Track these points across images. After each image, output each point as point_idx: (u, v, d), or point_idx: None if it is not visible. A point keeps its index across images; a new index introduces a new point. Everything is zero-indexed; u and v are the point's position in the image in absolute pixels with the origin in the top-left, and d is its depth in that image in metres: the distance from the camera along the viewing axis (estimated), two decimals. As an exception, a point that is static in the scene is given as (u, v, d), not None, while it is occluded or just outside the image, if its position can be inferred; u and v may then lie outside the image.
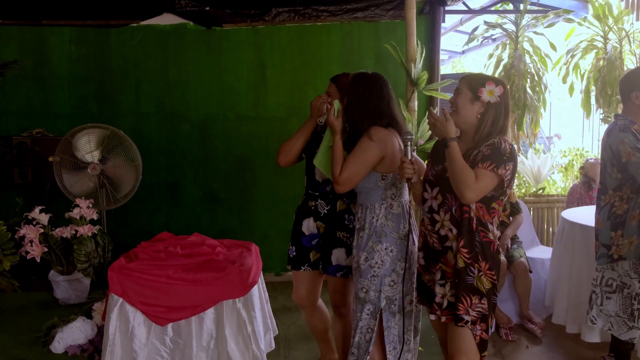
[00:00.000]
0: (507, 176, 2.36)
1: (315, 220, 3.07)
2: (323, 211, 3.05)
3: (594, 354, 3.70)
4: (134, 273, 2.93)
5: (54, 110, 5.19)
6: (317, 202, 3.06)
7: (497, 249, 2.45)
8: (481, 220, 2.41)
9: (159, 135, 5.28)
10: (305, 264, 3.11)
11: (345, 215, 3.00)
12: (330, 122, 2.77)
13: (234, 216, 5.38)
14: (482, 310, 2.41)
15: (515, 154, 2.40)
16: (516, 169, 2.43)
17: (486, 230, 2.42)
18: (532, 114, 5.64)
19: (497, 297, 2.50)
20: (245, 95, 5.26)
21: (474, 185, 2.29)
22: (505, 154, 2.35)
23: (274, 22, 5.15)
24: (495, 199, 2.42)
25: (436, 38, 5.17)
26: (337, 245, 3.00)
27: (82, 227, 4.42)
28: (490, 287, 2.43)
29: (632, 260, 3.12)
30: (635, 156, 3.03)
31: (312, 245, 3.09)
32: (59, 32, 5.14)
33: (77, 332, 3.50)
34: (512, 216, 4.37)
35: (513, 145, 2.41)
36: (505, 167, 2.34)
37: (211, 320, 2.95)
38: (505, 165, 2.34)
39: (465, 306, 2.39)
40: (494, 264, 2.43)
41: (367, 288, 2.70)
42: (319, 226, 3.06)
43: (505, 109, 2.45)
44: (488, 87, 2.39)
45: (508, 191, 2.44)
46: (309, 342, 3.81)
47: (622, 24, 5.91)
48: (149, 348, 2.90)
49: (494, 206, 2.43)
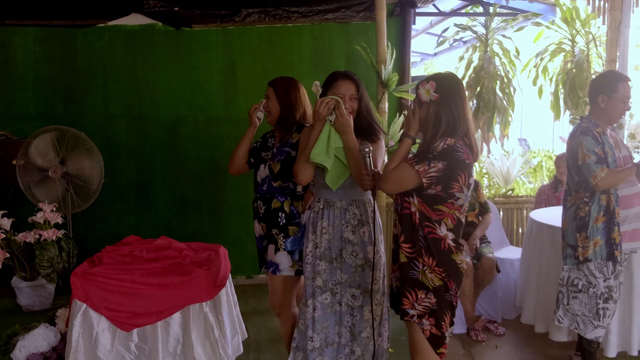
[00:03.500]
0: (429, 173, 2.30)
1: (259, 222, 3.13)
2: (261, 211, 3.11)
3: (562, 353, 3.74)
4: (97, 278, 2.87)
5: (18, 112, 5.08)
6: (257, 203, 3.14)
7: (449, 248, 2.39)
8: (425, 215, 2.38)
9: (128, 137, 5.20)
10: (262, 266, 3.18)
11: (279, 212, 3.04)
12: (346, 120, 2.68)
13: (204, 219, 5.32)
14: (429, 304, 2.41)
15: (451, 154, 2.31)
16: (453, 169, 2.31)
17: (433, 226, 2.38)
18: (502, 116, 5.69)
19: (455, 296, 2.44)
20: (216, 96, 5.21)
21: (387, 174, 2.41)
22: (433, 151, 2.32)
23: (244, 22, 5.12)
24: (442, 201, 2.35)
25: (407, 40, 5.18)
26: (270, 242, 3.07)
27: (46, 232, 4.33)
28: (441, 284, 2.40)
29: (597, 261, 3.17)
30: (590, 158, 3.10)
31: (263, 246, 3.14)
32: (23, 32, 5.03)
33: (40, 339, 3.40)
34: (480, 216, 4.41)
35: (455, 146, 2.32)
36: (430, 164, 2.30)
37: (177, 324, 2.90)
38: (430, 162, 2.30)
39: (411, 300, 2.42)
40: (443, 262, 2.39)
41: (379, 278, 2.78)
42: (262, 226, 3.12)
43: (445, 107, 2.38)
44: (422, 88, 2.41)
45: (459, 194, 2.35)
46: (280, 346, 3.77)
47: (589, 27, 6.01)
48: (114, 354, 2.83)
49: (440, 208, 2.36)
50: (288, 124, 3.09)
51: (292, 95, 3.10)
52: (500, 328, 4.14)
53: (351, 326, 2.83)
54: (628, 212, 3.26)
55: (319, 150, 2.71)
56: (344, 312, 2.82)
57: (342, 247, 2.79)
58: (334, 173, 2.75)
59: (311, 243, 2.85)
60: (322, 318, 2.82)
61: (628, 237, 3.27)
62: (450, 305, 2.44)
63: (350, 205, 2.80)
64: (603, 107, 3.22)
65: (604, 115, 3.24)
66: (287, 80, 3.15)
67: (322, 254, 2.80)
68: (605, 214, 3.16)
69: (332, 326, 2.83)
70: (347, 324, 2.83)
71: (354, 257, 2.78)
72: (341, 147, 2.71)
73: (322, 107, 2.67)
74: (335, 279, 2.81)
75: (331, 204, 2.81)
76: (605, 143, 3.17)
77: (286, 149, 3.04)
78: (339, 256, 2.80)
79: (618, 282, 3.21)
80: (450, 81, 2.43)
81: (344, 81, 2.78)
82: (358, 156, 2.65)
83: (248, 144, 3.20)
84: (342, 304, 2.82)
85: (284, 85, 3.12)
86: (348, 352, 2.84)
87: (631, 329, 3.55)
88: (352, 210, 2.79)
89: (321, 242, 2.81)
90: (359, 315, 2.82)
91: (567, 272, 3.29)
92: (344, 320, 2.83)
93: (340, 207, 2.80)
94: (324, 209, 2.83)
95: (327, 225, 2.80)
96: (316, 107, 2.70)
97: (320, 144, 2.71)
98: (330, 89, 2.78)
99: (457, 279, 2.43)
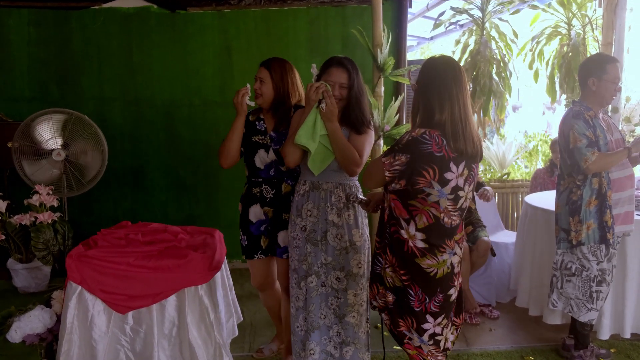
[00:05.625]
0: (393, 166, 2.20)
1: (262, 206, 3.10)
2: (269, 196, 3.09)
3: (556, 336, 3.78)
4: (93, 260, 2.86)
5: (12, 94, 5.06)
6: (262, 187, 3.10)
7: (412, 252, 2.25)
8: (393, 213, 2.28)
9: (123, 120, 5.18)
10: (258, 252, 3.16)
11: (290, 197, 3.05)
12: (332, 109, 2.70)
13: (200, 203, 5.32)
14: (386, 302, 2.38)
15: (414, 147, 2.16)
16: (417, 163, 2.16)
17: (398, 225, 2.26)
18: (498, 100, 5.68)
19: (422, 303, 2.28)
20: (211, 80, 5.19)
21: None
22: (398, 143, 2.21)
23: (240, 6, 5.08)
24: (412, 196, 2.21)
25: (403, 23, 5.15)
26: (283, 228, 3.07)
27: (41, 214, 4.33)
28: (401, 286, 2.29)
29: (590, 244, 3.19)
30: (581, 142, 3.11)
31: (261, 231, 3.14)
32: (17, 13, 4.99)
33: (36, 320, 3.40)
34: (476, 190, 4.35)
35: (421, 137, 2.15)
36: (395, 157, 2.20)
37: (173, 307, 2.91)
38: (395, 155, 2.20)
39: (374, 292, 2.43)
40: (405, 265, 2.27)
41: (363, 262, 2.81)
42: (266, 211, 3.10)
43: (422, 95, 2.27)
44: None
45: (429, 190, 2.18)
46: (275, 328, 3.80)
47: (585, 10, 5.98)
48: (109, 337, 2.84)
49: (413, 203, 2.23)
50: (283, 109, 3.06)
51: (288, 81, 3.06)
52: (494, 311, 4.18)
53: (335, 308, 2.87)
54: (620, 195, 3.28)
55: (303, 133, 2.74)
56: (329, 293, 2.85)
57: (326, 230, 2.82)
58: (317, 158, 2.78)
59: (298, 226, 2.87)
60: (309, 302, 2.87)
61: (621, 220, 3.29)
62: (411, 310, 2.30)
63: (336, 189, 2.82)
64: (594, 90, 3.22)
65: (595, 98, 3.24)
66: (282, 63, 3.09)
67: (307, 237, 2.83)
68: (597, 197, 3.18)
69: (317, 309, 2.87)
70: (332, 306, 2.87)
71: (338, 240, 2.80)
72: (325, 134, 2.74)
73: (311, 91, 2.70)
74: (319, 261, 2.84)
75: (317, 186, 2.84)
76: (596, 126, 3.18)
77: None
78: (323, 238, 2.82)
79: (611, 265, 3.23)
80: (430, 67, 2.28)
81: (336, 69, 2.79)
82: (341, 142, 2.70)
83: (240, 134, 3.08)
84: (326, 285, 2.85)
85: (279, 69, 3.05)
86: (333, 334, 2.88)
87: (624, 311, 3.59)
88: (338, 193, 2.81)
89: (307, 225, 2.83)
90: (343, 298, 2.85)
91: (561, 256, 3.31)
92: (328, 302, 2.86)
93: (326, 190, 2.83)
94: (309, 191, 2.85)
95: (312, 207, 2.83)
96: (307, 92, 2.73)
97: (306, 127, 2.74)
98: (323, 74, 2.81)
99: (424, 285, 2.26)
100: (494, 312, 4.16)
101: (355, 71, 2.81)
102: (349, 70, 2.78)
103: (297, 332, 2.96)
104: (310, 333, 2.88)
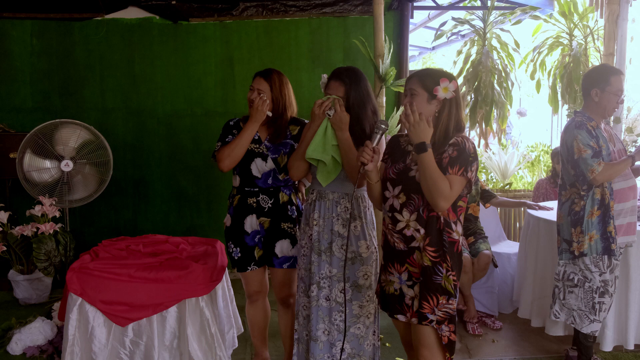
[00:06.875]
0: (474, 177, 2.36)
1: (258, 217, 3.06)
2: (267, 205, 3.06)
3: (558, 347, 3.76)
4: (94, 272, 2.87)
5: (15, 105, 5.06)
6: (259, 197, 3.05)
7: (460, 250, 2.42)
8: (446, 219, 2.37)
9: (125, 130, 5.19)
10: (251, 264, 3.09)
11: (288, 206, 3.06)
12: (342, 118, 2.68)
13: (202, 213, 5.32)
14: (449, 310, 2.36)
15: (477, 151, 2.39)
16: (478, 164, 2.42)
17: (450, 230, 2.37)
18: (500, 110, 5.67)
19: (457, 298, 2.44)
20: (213, 90, 5.20)
21: (448, 195, 2.25)
22: (470, 154, 2.31)
23: (242, 16, 5.10)
24: (461, 197, 2.39)
25: (404, 34, 5.17)
26: (281, 237, 3.05)
27: (43, 225, 4.32)
28: (454, 289, 2.39)
29: (592, 256, 3.17)
30: (586, 152, 3.10)
31: (256, 242, 3.08)
32: (20, 25, 5.01)
33: (36, 332, 3.42)
34: (487, 203, 4.36)
35: (473, 142, 2.39)
36: (472, 168, 2.32)
37: (174, 318, 2.91)
38: (472, 166, 2.31)
39: (431, 305, 2.34)
40: (455, 264, 2.39)
41: (370, 274, 2.78)
42: (262, 222, 3.06)
43: (457, 103, 2.39)
44: (443, 84, 2.32)
45: (473, 188, 2.45)
46: (275, 340, 3.78)
47: (587, 21, 5.98)
48: (109, 349, 2.84)
49: (460, 204, 2.39)
50: (281, 122, 3.05)
51: (286, 94, 3.05)
52: (497, 322, 4.16)
53: (339, 323, 2.80)
54: (623, 205, 3.26)
55: (316, 147, 2.72)
56: (333, 308, 2.80)
57: (331, 240, 2.79)
58: (324, 170, 2.76)
59: (306, 235, 2.86)
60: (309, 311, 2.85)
61: (623, 230, 3.28)
62: None
63: (342, 199, 2.80)
64: (597, 101, 3.21)
65: (597, 109, 3.23)
66: (280, 76, 3.06)
67: (313, 246, 2.81)
68: (600, 207, 3.17)
69: (315, 321, 2.81)
70: (335, 322, 2.80)
71: (344, 251, 2.76)
72: (336, 144, 2.72)
73: (315, 107, 2.72)
74: (322, 272, 2.79)
75: (323, 195, 2.82)
76: (599, 137, 3.17)
77: (289, 142, 3.05)
78: (328, 249, 2.79)
79: (614, 276, 3.21)
80: (456, 79, 2.39)
81: (333, 82, 2.77)
82: (351, 153, 2.66)
83: (250, 140, 3.01)
84: (330, 299, 2.80)
85: (278, 82, 3.03)
86: (336, 352, 2.81)
87: (627, 323, 3.57)
88: (344, 204, 2.79)
89: (312, 234, 2.81)
90: (348, 310, 2.79)
91: (563, 267, 3.29)
92: (332, 317, 2.80)
93: (332, 200, 2.81)
94: (316, 200, 2.84)
95: (318, 217, 2.81)
96: (313, 108, 2.74)
97: (316, 141, 2.73)
98: (325, 87, 2.82)
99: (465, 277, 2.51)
100: (497, 323, 4.14)
101: (354, 83, 2.74)
102: (345, 84, 2.74)
103: (303, 339, 2.91)
104: (310, 342, 2.85)
